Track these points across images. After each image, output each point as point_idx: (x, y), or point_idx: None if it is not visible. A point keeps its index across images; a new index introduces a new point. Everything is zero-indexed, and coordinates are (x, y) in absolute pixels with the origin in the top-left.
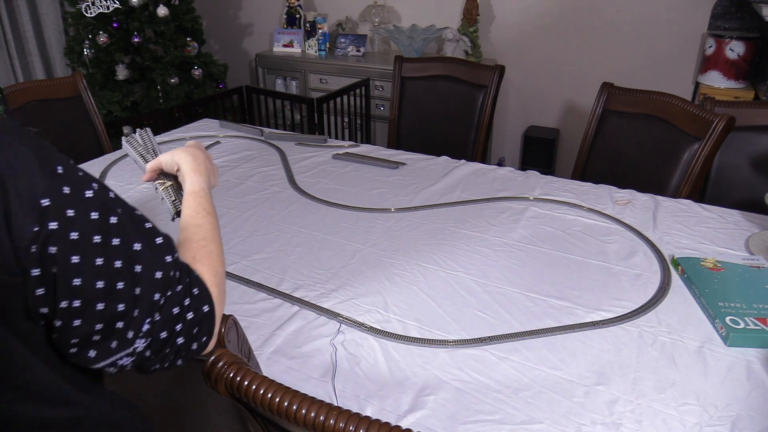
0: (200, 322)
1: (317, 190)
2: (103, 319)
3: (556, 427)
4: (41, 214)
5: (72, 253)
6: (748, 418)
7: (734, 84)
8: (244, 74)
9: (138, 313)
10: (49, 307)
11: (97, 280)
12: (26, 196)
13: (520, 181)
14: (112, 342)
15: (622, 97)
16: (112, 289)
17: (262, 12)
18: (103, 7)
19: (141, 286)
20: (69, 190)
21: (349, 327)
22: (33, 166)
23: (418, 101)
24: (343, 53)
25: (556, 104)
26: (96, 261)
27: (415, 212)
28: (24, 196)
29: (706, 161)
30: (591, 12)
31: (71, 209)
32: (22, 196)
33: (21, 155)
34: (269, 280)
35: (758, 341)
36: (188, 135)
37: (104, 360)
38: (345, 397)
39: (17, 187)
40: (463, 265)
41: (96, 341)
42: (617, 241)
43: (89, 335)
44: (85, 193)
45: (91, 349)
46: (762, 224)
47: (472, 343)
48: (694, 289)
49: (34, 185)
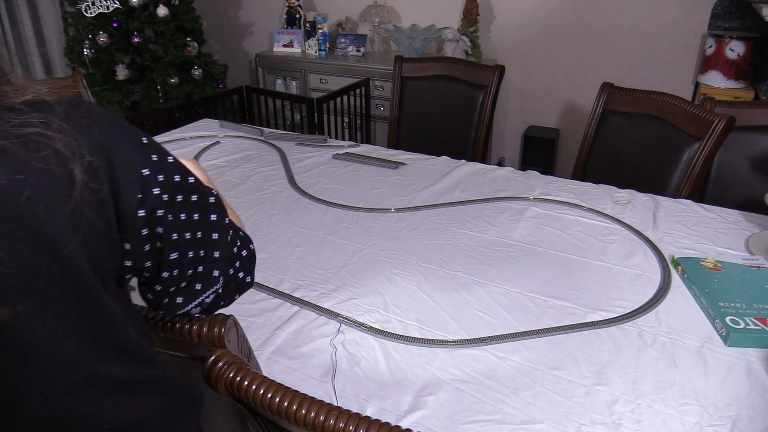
0: (250, 258)
1: (317, 190)
2: (193, 265)
3: (556, 427)
4: (143, 182)
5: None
6: (748, 418)
7: (734, 84)
8: (244, 74)
9: (218, 255)
10: (152, 260)
11: (185, 232)
12: (130, 168)
13: (520, 181)
14: (197, 284)
15: (622, 97)
16: (197, 238)
17: (262, 12)
18: (103, 7)
19: (217, 232)
20: (156, 157)
21: (349, 327)
22: (128, 140)
23: (418, 101)
24: (343, 53)
25: (556, 104)
26: (182, 216)
27: (415, 212)
28: (128, 169)
29: (706, 161)
30: (591, 12)
31: (161, 174)
32: (126, 168)
33: (115, 131)
34: (269, 280)
35: (758, 341)
36: (188, 135)
37: (191, 303)
38: (345, 397)
39: (121, 161)
40: (463, 265)
41: (184, 287)
42: (617, 241)
43: (181, 281)
44: (167, 158)
45: (179, 296)
46: (762, 224)
47: (472, 343)
48: (694, 289)
49: (133, 157)
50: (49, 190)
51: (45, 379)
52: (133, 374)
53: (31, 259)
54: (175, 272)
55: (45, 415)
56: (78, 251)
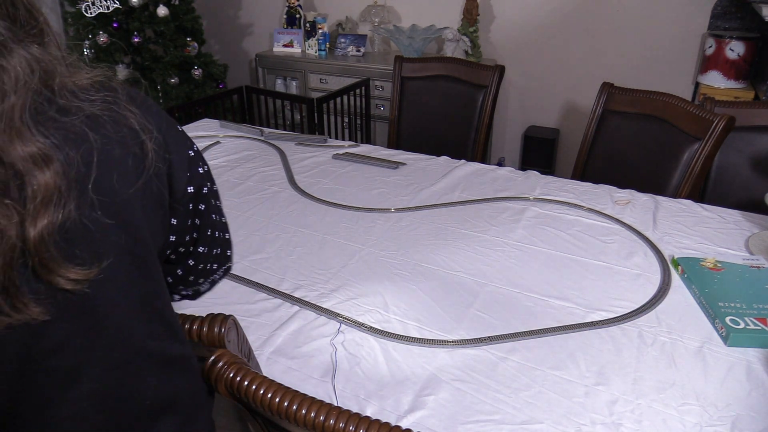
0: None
1: (317, 190)
2: (216, 245)
3: (556, 427)
4: (190, 162)
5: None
6: (748, 418)
7: (734, 84)
8: (244, 74)
9: (229, 236)
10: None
11: (216, 214)
12: (181, 148)
13: (520, 181)
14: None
15: (622, 97)
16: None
17: (262, 12)
18: (103, 7)
19: (224, 216)
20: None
21: (349, 327)
22: (174, 125)
23: (418, 101)
24: (343, 53)
25: (556, 104)
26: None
27: (415, 212)
28: (180, 149)
29: (706, 161)
30: (591, 12)
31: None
32: (178, 148)
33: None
34: (269, 280)
35: (758, 341)
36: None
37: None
38: (345, 397)
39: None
40: (463, 265)
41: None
42: (617, 241)
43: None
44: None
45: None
46: (762, 224)
47: (472, 343)
48: (694, 289)
49: (181, 139)
50: (124, 160)
51: (105, 350)
52: (174, 350)
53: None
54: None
55: (99, 387)
56: (142, 221)
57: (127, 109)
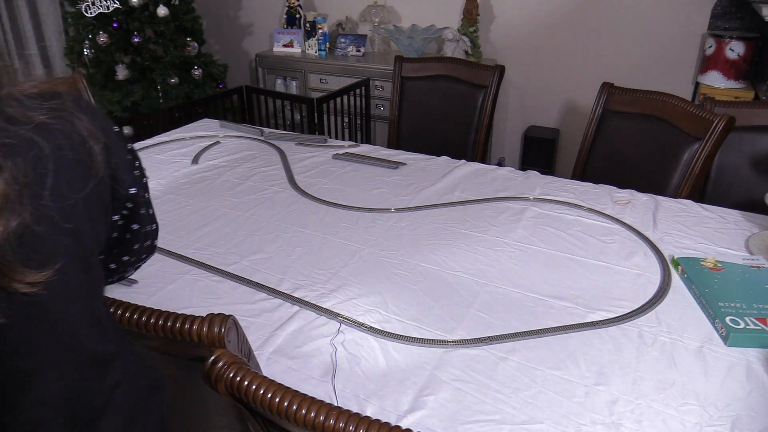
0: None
1: (317, 190)
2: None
3: (556, 427)
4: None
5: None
6: (748, 418)
7: (734, 84)
8: (244, 74)
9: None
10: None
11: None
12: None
13: (520, 181)
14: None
15: (622, 97)
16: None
17: (262, 12)
18: (103, 7)
19: (152, 208)
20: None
21: (349, 327)
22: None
23: (418, 101)
24: (343, 53)
25: (556, 104)
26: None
27: (415, 212)
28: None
29: (706, 161)
30: (591, 12)
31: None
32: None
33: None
34: (269, 280)
35: (758, 341)
36: (188, 135)
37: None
38: (345, 397)
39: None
40: (463, 265)
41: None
42: (617, 241)
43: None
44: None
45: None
46: (762, 224)
47: (472, 343)
48: (694, 289)
49: (120, 143)
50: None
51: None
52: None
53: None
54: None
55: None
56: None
57: (74, 115)
